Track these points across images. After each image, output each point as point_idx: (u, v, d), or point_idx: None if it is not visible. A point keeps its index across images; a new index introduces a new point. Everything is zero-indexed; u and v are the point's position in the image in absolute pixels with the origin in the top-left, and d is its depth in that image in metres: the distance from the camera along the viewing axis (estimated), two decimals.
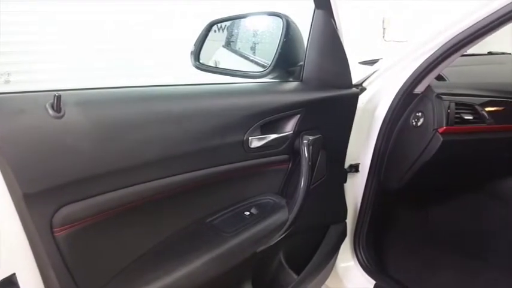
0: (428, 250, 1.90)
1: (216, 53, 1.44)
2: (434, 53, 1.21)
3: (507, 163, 1.63)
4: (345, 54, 1.14)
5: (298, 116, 1.06)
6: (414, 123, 1.35)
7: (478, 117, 1.35)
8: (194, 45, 1.24)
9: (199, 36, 1.25)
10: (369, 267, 1.50)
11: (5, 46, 2.67)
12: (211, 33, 1.28)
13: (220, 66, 1.31)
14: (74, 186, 0.75)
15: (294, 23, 1.12)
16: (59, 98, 0.72)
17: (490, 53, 1.96)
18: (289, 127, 1.06)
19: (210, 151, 0.93)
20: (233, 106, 0.97)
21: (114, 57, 3.02)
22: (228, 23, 1.36)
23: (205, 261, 0.92)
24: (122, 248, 0.88)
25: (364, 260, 1.51)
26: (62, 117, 0.73)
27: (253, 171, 1.05)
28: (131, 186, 0.83)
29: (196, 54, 1.23)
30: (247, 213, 1.04)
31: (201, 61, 1.23)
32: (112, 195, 0.80)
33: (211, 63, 1.31)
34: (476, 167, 1.63)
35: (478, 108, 1.36)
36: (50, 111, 0.72)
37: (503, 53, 1.98)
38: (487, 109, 1.37)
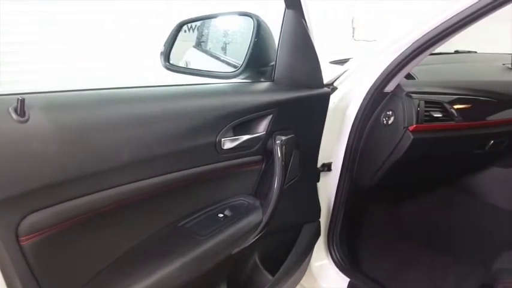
0: (401, 247, 1.93)
1: (186, 54, 1.42)
2: (403, 52, 1.22)
3: (475, 159, 1.67)
4: (316, 54, 1.14)
5: (271, 116, 1.06)
6: (385, 122, 1.37)
7: (447, 115, 1.38)
8: (164, 45, 1.23)
9: (168, 37, 1.23)
10: (343, 265, 1.51)
11: None
12: (181, 34, 1.27)
13: (191, 66, 1.30)
14: (40, 192, 0.72)
15: (264, 23, 1.12)
16: (22, 101, 0.69)
17: (456, 52, 2.00)
18: (262, 127, 1.06)
19: (181, 153, 0.91)
20: (205, 107, 0.96)
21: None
22: (198, 23, 1.35)
23: (180, 265, 0.91)
24: (92, 255, 0.85)
25: (338, 258, 1.51)
26: (26, 121, 0.70)
27: (226, 172, 1.04)
28: (101, 191, 0.80)
29: (166, 54, 1.22)
30: (221, 215, 1.03)
31: (171, 62, 1.22)
32: (80, 201, 0.78)
33: (182, 64, 1.30)
34: (446, 163, 1.66)
35: (447, 106, 1.38)
36: (14, 115, 0.69)
37: (469, 52, 2.03)
38: (456, 107, 1.39)
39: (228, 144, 0.99)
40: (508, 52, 1.83)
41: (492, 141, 1.53)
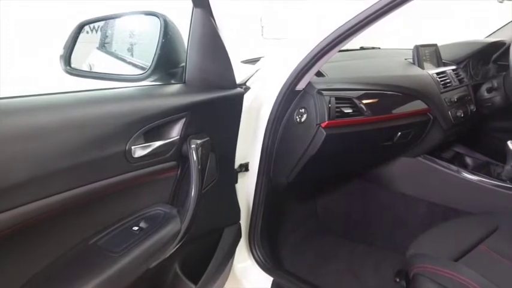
0: (319, 240, 1.98)
1: (90, 56, 1.34)
2: (313, 49, 1.24)
3: (385, 150, 1.74)
4: (227, 54, 1.12)
5: (184, 119, 1.01)
6: (298, 120, 1.38)
7: (357, 110, 1.42)
8: (63, 48, 1.13)
9: (68, 38, 1.14)
10: (266, 265, 1.51)
11: None
12: (83, 35, 1.18)
13: (95, 70, 1.22)
14: None
15: (172, 23, 1.07)
16: None
17: (362, 48, 2.08)
18: (175, 132, 1.01)
19: (88, 166, 0.84)
20: (111, 114, 0.89)
21: None
22: (101, 24, 1.27)
23: (94, 286, 0.84)
24: None
25: (261, 258, 1.51)
26: None
27: (139, 182, 0.98)
28: None
29: (67, 58, 1.12)
30: (136, 228, 0.96)
31: (72, 65, 1.12)
32: None
33: (85, 68, 1.21)
34: (359, 156, 1.72)
35: (356, 101, 1.42)
36: None
37: (373, 48, 2.12)
38: (364, 102, 1.44)
39: (139, 152, 0.93)
40: (409, 47, 1.93)
41: (399, 133, 1.61)
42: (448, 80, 1.85)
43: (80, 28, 1.16)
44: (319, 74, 1.48)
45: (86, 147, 0.83)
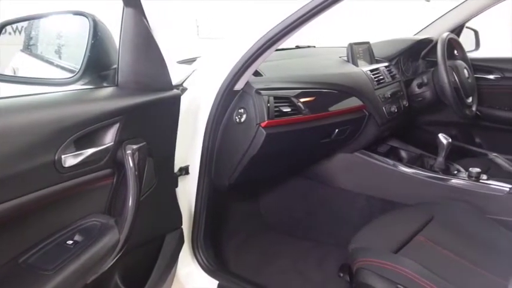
0: (263, 239, 1.98)
1: (13, 59, 1.26)
2: (250, 49, 1.23)
3: (324, 147, 1.77)
4: (161, 54, 1.08)
5: (118, 124, 0.97)
6: (238, 120, 1.37)
7: (295, 109, 1.42)
8: None
9: None
10: (210, 268, 1.48)
11: None
12: (4, 36, 1.11)
13: (19, 74, 1.15)
14: None
15: (102, 23, 1.03)
16: None
17: (297, 47, 2.09)
18: (109, 138, 0.96)
19: (14, 178, 0.77)
20: (37, 122, 0.83)
21: None
22: (24, 24, 1.20)
23: None
24: None
25: (204, 261, 1.49)
26: None
27: (72, 193, 0.92)
28: None
29: None
30: (70, 242, 0.90)
31: None
32: None
33: (9, 72, 1.14)
34: (299, 154, 1.74)
35: (294, 100, 1.43)
36: None
37: (308, 46, 2.14)
38: (302, 100, 1.45)
39: (70, 161, 0.87)
40: (343, 45, 1.97)
41: (337, 130, 1.63)
42: (381, 77, 1.91)
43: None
44: (256, 73, 1.47)
45: (11, 159, 0.77)
